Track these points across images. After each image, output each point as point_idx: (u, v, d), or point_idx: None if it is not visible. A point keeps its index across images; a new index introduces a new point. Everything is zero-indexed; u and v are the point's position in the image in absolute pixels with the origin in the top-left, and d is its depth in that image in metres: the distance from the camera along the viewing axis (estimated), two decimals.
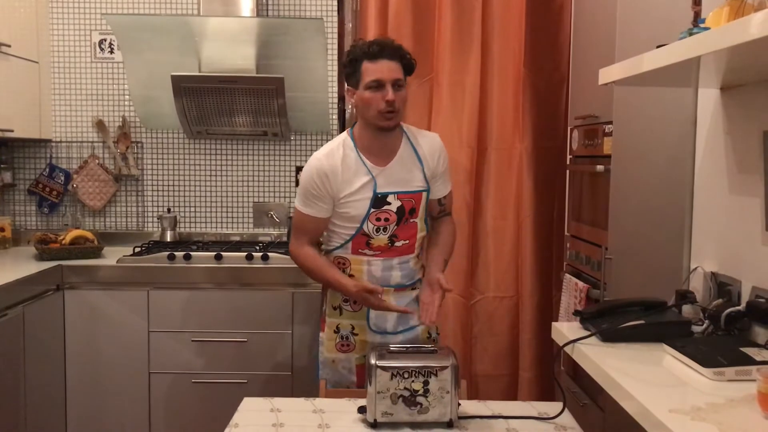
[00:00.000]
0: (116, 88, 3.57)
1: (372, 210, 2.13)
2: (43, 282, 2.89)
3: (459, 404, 1.68)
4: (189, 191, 3.63)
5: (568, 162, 2.95)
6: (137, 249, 3.20)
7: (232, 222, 3.64)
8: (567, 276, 2.77)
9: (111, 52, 3.55)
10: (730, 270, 1.65)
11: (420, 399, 1.63)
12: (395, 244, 2.18)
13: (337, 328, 2.22)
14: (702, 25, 1.37)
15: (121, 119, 3.56)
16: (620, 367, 1.40)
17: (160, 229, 3.54)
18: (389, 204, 2.14)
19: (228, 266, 3.05)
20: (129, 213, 3.64)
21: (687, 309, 1.71)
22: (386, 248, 2.18)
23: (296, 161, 3.60)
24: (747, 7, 1.25)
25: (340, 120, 3.50)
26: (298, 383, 2.99)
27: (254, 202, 3.63)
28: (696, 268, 1.78)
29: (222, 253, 3.10)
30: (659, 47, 1.43)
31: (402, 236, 2.18)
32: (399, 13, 3.14)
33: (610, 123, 2.36)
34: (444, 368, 1.64)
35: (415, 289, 2.25)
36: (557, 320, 2.86)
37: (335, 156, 2.14)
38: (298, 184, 2.25)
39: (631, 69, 1.56)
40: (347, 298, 2.19)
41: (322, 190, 2.13)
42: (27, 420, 2.71)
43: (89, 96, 3.57)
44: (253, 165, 3.61)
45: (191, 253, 3.09)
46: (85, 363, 3.03)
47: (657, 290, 1.86)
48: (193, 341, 3.01)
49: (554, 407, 1.76)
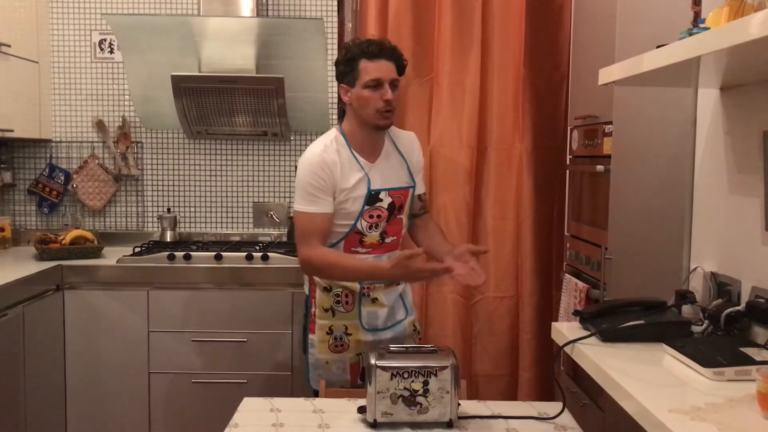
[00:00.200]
0: (116, 88, 3.57)
1: (365, 207, 2.14)
2: (43, 282, 2.89)
3: (459, 404, 1.68)
4: (189, 191, 3.62)
5: (568, 162, 2.95)
6: (137, 249, 3.20)
7: (232, 222, 3.64)
8: (567, 276, 2.77)
9: (111, 52, 3.54)
10: (730, 270, 1.65)
11: (420, 399, 1.63)
12: (385, 241, 2.21)
13: (330, 330, 2.23)
14: (702, 25, 1.36)
15: (121, 119, 3.56)
16: (620, 367, 1.40)
17: (160, 229, 3.53)
18: (381, 201, 2.16)
19: (228, 266, 3.05)
20: (129, 213, 3.63)
21: (687, 309, 1.71)
22: (378, 245, 2.20)
23: (296, 161, 3.54)
24: (747, 7, 1.25)
25: (340, 120, 3.48)
26: (298, 383, 2.99)
27: (254, 202, 3.62)
28: (696, 268, 1.78)
29: (222, 253, 3.10)
30: (659, 47, 1.43)
31: (391, 232, 2.21)
32: (399, 13, 3.14)
33: (610, 123, 2.36)
34: (444, 368, 1.63)
35: (401, 284, 2.29)
36: (557, 320, 2.86)
37: (331, 150, 2.14)
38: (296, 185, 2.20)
39: (631, 69, 1.56)
40: (339, 299, 2.20)
41: (326, 182, 2.10)
42: (27, 420, 2.71)
43: (89, 96, 3.57)
44: (253, 165, 3.61)
45: (191, 253, 3.09)
46: (85, 363, 3.02)
47: (657, 290, 1.86)
48: (193, 341, 3.01)
49: (554, 407, 1.76)
